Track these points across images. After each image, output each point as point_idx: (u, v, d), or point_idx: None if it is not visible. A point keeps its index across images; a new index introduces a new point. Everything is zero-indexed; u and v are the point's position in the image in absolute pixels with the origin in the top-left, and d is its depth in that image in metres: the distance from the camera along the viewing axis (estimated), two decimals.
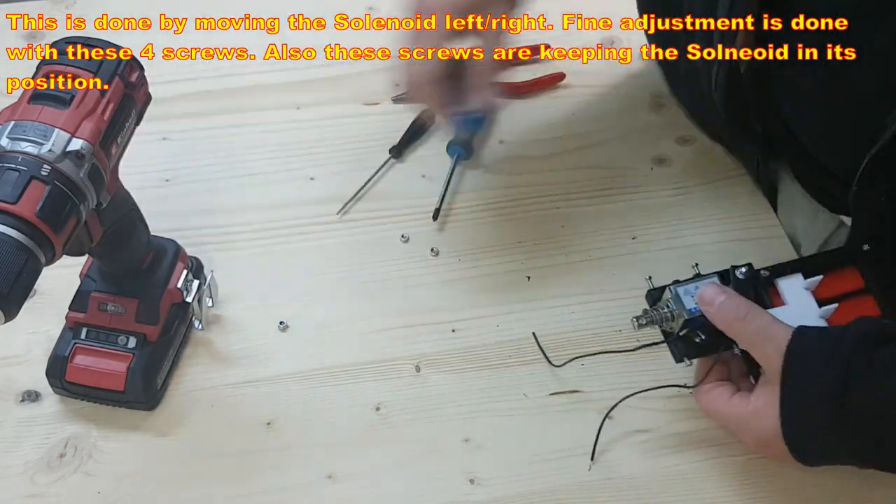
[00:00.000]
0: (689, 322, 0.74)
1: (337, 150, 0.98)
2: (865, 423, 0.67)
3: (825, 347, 0.68)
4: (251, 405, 0.81)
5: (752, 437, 0.73)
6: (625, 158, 0.98)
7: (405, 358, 0.84)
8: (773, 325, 0.71)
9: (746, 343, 0.72)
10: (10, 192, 0.61)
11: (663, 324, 0.76)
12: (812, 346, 0.69)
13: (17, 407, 0.80)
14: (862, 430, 0.67)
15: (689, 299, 0.74)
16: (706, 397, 0.75)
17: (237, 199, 0.94)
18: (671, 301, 0.75)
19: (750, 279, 0.75)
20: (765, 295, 0.76)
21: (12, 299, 0.60)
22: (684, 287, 0.75)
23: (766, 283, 0.76)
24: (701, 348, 0.75)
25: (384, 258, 0.90)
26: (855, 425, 0.67)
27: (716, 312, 0.72)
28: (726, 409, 0.74)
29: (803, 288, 0.76)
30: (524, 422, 0.81)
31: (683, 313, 0.74)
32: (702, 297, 0.73)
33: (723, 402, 0.74)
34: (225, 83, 1.03)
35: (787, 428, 0.69)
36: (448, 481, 0.77)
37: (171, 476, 0.77)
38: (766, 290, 0.76)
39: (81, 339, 0.79)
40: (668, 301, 0.75)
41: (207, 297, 0.83)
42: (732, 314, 0.72)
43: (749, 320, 0.71)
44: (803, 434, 0.69)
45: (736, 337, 0.72)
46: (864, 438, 0.68)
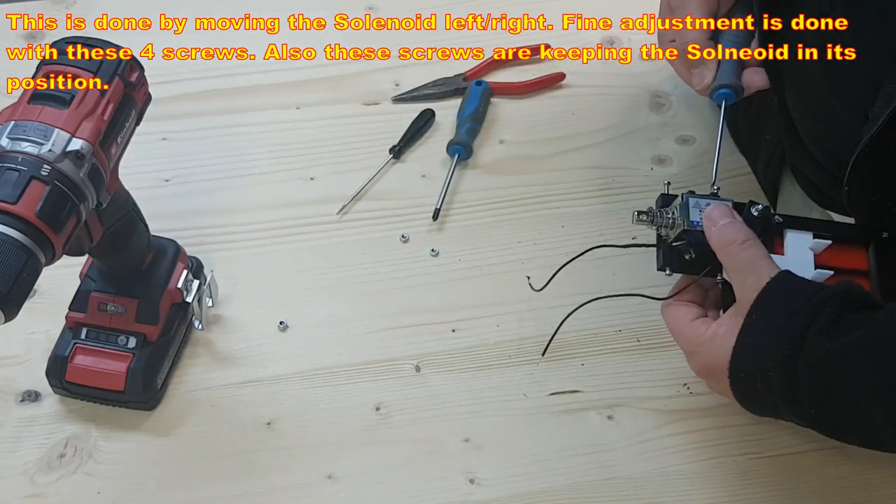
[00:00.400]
0: (687, 233, 0.72)
1: (337, 150, 0.98)
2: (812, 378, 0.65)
3: (802, 294, 0.67)
4: (251, 405, 0.81)
5: (700, 362, 0.72)
6: (625, 158, 0.98)
7: (405, 358, 0.84)
8: (764, 259, 0.69)
9: (732, 269, 0.70)
10: (10, 192, 0.61)
11: (661, 229, 0.75)
12: (790, 289, 0.67)
13: (17, 407, 0.80)
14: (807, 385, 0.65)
15: (696, 213, 0.73)
16: (671, 312, 0.74)
17: (237, 199, 0.94)
18: (678, 208, 0.74)
19: (761, 219, 0.74)
20: (769, 240, 0.74)
21: (12, 299, 0.60)
22: (696, 200, 0.74)
23: (775, 230, 0.75)
24: (686, 265, 0.74)
25: (384, 258, 0.90)
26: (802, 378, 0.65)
27: (716, 231, 0.71)
28: (686, 329, 0.72)
29: (808, 247, 0.75)
30: (524, 422, 0.81)
31: (685, 223, 0.73)
32: (709, 214, 0.72)
33: (686, 321, 0.73)
34: (225, 83, 1.03)
35: (735, 360, 0.68)
36: (448, 481, 0.77)
37: (171, 476, 0.77)
38: (772, 236, 0.75)
39: (81, 339, 0.79)
40: (676, 207, 0.74)
41: (207, 297, 0.83)
42: (731, 237, 0.70)
43: (744, 248, 0.70)
44: (749, 370, 0.68)
45: (725, 260, 0.71)
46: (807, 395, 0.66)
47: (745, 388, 0.69)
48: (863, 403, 0.63)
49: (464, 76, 1.04)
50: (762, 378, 0.67)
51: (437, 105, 1.02)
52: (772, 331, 0.66)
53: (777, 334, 0.66)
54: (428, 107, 1.01)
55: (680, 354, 0.74)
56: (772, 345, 0.66)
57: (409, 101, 1.02)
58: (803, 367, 0.65)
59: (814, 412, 0.66)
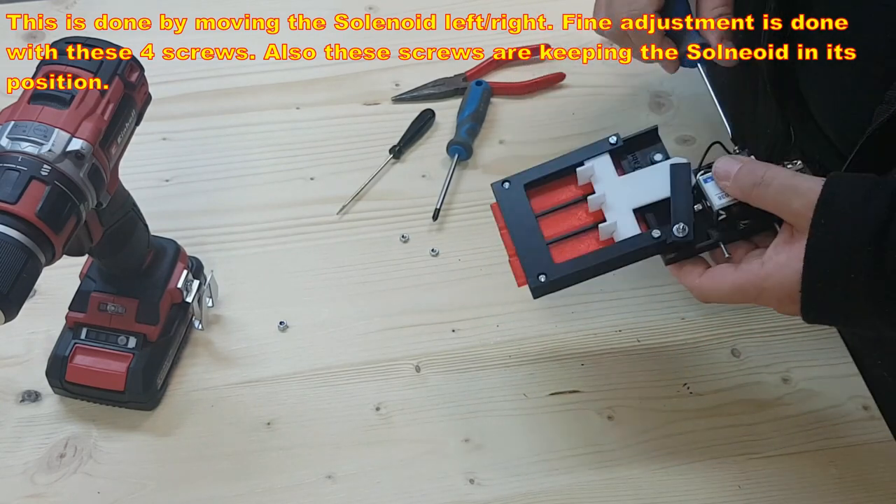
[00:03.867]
0: (727, 209, 0.69)
1: (337, 150, 0.98)
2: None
3: (866, 187, 0.62)
4: (251, 405, 0.81)
5: (775, 298, 0.66)
6: None
7: (405, 358, 0.84)
8: (796, 178, 0.65)
9: (772, 206, 0.66)
10: (10, 192, 0.61)
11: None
12: (851, 187, 0.63)
13: (17, 407, 0.80)
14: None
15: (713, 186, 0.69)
16: (705, 278, 0.70)
17: (237, 199, 0.94)
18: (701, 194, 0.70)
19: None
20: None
21: (12, 299, 0.60)
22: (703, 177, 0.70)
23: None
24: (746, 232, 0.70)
25: (384, 258, 0.90)
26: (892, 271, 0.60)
27: (733, 185, 0.68)
28: (739, 279, 0.67)
29: None
30: (524, 422, 0.81)
31: (713, 202, 0.69)
32: (716, 173, 0.69)
33: (730, 272, 0.68)
34: (225, 83, 1.03)
35: (808, 270, 0.63)
36: (448, 481, 0.77)
37: (171, 476, 0.77)
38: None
39: (81, 339, 0.79)
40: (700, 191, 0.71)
41: (207, 297, 0.83)
42: (751, 180, 0.67)
43: (768, 181, 0.66)
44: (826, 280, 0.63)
45: (759, 202, 0.67)
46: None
47: (821, 300, 0.64)
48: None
49: (464, 76, 1.04)
50: (842, 284, 0.62)
51: (437, 105, 1.02)
52: (846, 231, 0.62)
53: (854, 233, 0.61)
54: (428, 107, 1.01)
55: (680, 355, 0.74)
56: (852, 244, 0.61)
57: (409, 101, 1.02)
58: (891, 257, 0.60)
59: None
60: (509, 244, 0.73)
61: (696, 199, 0.71)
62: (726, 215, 0.69)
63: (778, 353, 0.85)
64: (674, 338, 0.86)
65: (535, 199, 0.75)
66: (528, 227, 0.73)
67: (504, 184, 0.76)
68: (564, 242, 0.73)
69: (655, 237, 0.70)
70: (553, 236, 0.73)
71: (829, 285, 0.63)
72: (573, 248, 0.73)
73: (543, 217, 0.74)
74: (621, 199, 0.72)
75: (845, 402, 0.82)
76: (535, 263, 0.71)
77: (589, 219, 0.74)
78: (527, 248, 0.72)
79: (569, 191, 0.75)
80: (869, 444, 0.80)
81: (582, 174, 0.75)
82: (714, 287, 0.69)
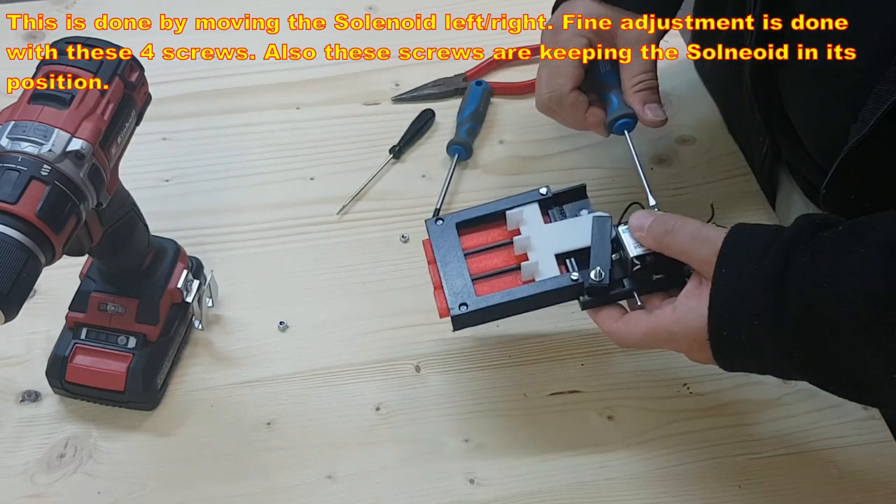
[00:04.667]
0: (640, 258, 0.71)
1: (337, 150, 0.98)
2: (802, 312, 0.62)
3: (765, 237, 0.65)
4: (251, 405, 0.81)
5: (685, 343, 0.69)
6: (625, 159, 0.98)
7: (405, 358, 0.84)
8: (704, 228, 0.68)
9: (682, 253, 0.69)
10: (10, 192, 0.61)
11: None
12: (752, 236, 0.66)
13: (17, 407, 0.80)
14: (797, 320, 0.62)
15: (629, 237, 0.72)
16: (621, 323, 0.72)
17: (237, 199, 0.94)
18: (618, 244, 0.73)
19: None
20: None
21: (12, 299, 0.60)
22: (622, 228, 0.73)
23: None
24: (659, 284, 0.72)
25: (384, 258, 0.90)
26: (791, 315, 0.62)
27: (647, 234, 0.70)
28: (651, 323, 0.70)
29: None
30: (524, 422, 0.81)
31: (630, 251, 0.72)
32: (632, 225, 0.71)
33: (644, 317, 0.70)
34: (225, 83, 1.03)
35: (714, 317, 0.65)
36: (448, 481, 0.77)
37: (171, 476, 0.77)
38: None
39: (81, 339, 0.79)
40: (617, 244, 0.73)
41: (207, 297, 0.83)
42: (661, 228, 0.70)
43: (678, 229, 0.69)
44: (732, 324, 0.65)
45: (668, 250, 0.69)
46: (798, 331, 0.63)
47: (729, 345, 0.66)
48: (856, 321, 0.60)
49: (464, 76, 1.04)
50: (747, 329, 0.64)
51: (437, 105, 1.02)
52: (746, 278, 0.64)
53: (753, 279, 0.64)
54: (428, 107, 1.01)
55: (680, 355, 0.74)
56: (752, 291, 0.64)
57: (409, 101, 1.02)
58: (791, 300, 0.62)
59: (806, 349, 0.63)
60: (435, 277, 0.76)
61: (615, 250, 0.74)
62: (640, 265, 0.72)
63: None
64: None
65: (465, 237, 0.79)
66: (455, 262, 0.77)
67: (437, 221, 0.79)
68: (488, 280, 0.76)
69: (573, 279, 0.73)
70: (478, 272, 0.76)
71: (734, 330, 0.65)
72: (496, 286, 0.76)
73: (471, 255, 0.78)
74: (545, 243, 0.76)
75: (845, 402, 0.82)
76: (458, 294, 0.75)
77: (514, 261, 0.77)
78: (452, 280, 0.75)
79: (497, 233, 0.79)
80: (869, 444, 0.80)
81: (511, 218, 0.78)
82: (629, 331, 0.72)
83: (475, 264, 0.77)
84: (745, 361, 0.68)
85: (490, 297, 0.74)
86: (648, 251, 0.71)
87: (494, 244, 0.78)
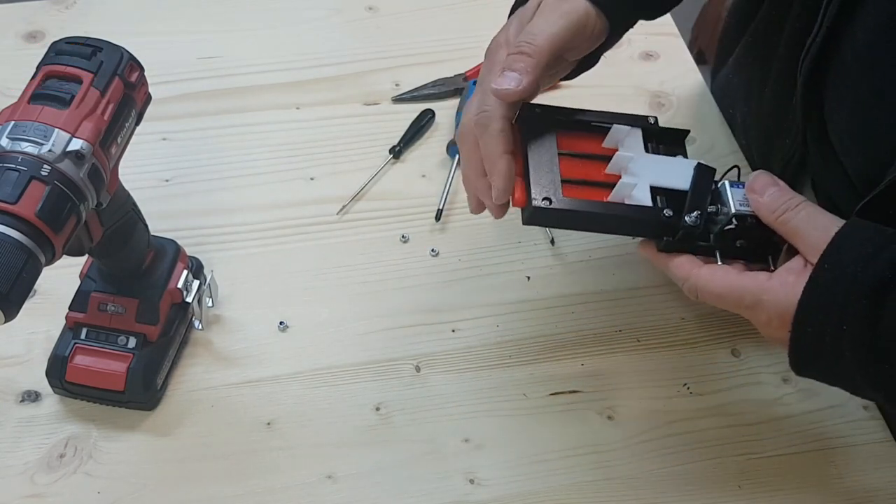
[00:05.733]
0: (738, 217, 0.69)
1: (337, 150, 0.98)
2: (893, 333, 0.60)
3: (879, 240, 0.63)
4: (251, 405, 0.81)
5: (767, 315, 0.66)
6: None
7: (405, 358, 0.84)
8: (821, 213, 0.66)
9: (792, 231, 0.67)
10: (10, 192, 0.61)
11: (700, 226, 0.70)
12: (865, 235, 0.64)
13: (17, 407, 0.80)
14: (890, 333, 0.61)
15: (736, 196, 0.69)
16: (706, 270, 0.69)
17: (237, 199, 0.94)
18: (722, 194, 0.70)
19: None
20: None
21: (12, 299, 0.60)
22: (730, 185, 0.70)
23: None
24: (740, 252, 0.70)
25: (384, 258, 0.90)
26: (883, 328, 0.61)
27: (765, 199, 0.68)
28: (742, 280, 0.67)
29: None
30: (524, 422, 0.81)
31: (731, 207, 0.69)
32: (753, 184, 0.69)
33: (734, 272, 0.68)
34: (225, 83, 1.03)
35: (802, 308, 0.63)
36: (448, 481, 0.77)
37: (172, 476, 0.77)
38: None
39: (81, 339, 0.79)
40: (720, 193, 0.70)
41: (207, 297, 0.83)
42: (781, 200, 0.67)
43: (800, 209, 0.67)
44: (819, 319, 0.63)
45: (780, 225, 0.67)
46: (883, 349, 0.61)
47: (809, 338, 0.64)
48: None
49: (464, 76, 1.04)
50: (833, 328, 0.63)
51: (437, 105, 1.02)
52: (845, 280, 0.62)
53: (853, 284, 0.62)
54: (428, 107, 1.01)
55: (680, 355, 0.74)
56: (849, 294, 0.62)
57: (409, 101, 1.02)
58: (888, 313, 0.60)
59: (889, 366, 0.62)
60: (520, 166, 0.71)
61: (712, 202, 0.71)
62: (736, 224, 0.69)
63: (778, 353, 0.84)
64: (674, 338, 0.86)
65: (561, 138, 0.74)
66: (547, 156, 0.72)
67: (536, 109, 0.73)
68: (577, 187, 0.71)
69: (667, 215, 0.70)
70: (567, 177, 0.71)
71: (821, 324, 0.63)
72: (584, 195, 0.71)
73: (563, 157, 0.72)
74: (644, 171, 0.72)
75: (845, 402, 0.82)
76: (545, 188, 0.70)
77: (602, 178, 0.72)
78: (540, 173, 0.70)
79: (593, 145, 0.74)
80: (869, 444, 0.80)
81: (613, 135, 0.74)
82: (712, 280, 0.69)
83: (565, 168, 0.71)
84: (817, 362, 0.66)
85: (577, 201, 0.69)
86: (751, 213, 0.68)
87: (589, 153, 0.73)
